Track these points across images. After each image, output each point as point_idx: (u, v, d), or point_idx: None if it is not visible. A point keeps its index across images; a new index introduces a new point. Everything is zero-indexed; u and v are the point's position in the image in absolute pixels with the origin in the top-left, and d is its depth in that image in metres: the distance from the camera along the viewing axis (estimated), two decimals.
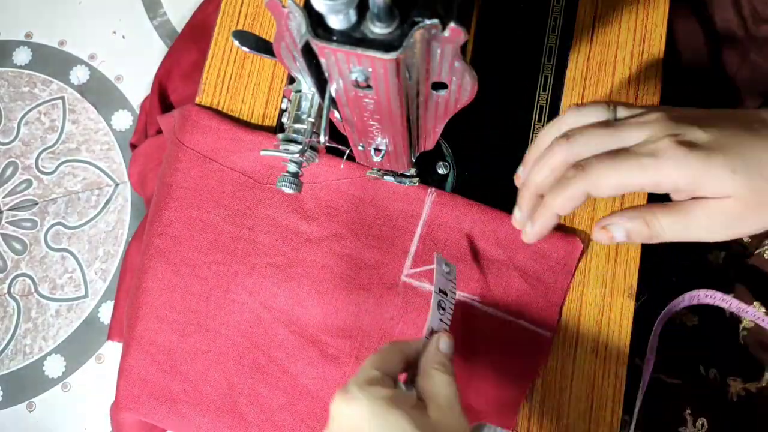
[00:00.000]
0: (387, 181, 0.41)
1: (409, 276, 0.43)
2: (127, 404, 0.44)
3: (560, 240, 0.42)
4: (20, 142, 1.03)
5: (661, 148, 0.29)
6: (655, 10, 0.44)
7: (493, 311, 0.42)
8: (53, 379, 0.97)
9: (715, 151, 0.29)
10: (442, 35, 0.22)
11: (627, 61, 0.44)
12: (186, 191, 0.45)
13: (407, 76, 0.24)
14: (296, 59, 0.27)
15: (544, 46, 0.45)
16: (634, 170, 0.29)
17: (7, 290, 0.99)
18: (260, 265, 0.44)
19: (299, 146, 0.33)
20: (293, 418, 0.42)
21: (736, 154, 0.29)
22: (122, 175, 1.01)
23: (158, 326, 0.44)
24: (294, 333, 0.43)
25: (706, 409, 0.42)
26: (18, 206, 1.01)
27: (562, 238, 0.42)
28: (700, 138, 0.29)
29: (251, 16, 0.47)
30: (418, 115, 0.30)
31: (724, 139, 0.29)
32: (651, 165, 0.29)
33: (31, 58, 1.06)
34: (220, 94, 0.47)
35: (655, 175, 0.29)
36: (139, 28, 1.05)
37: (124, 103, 1.03)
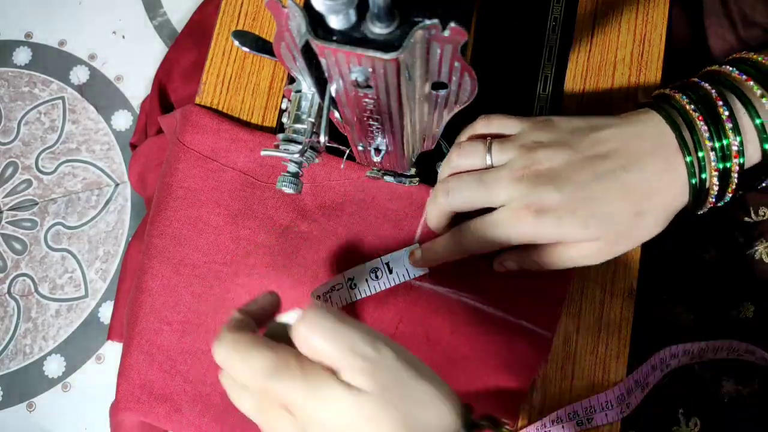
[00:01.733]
0: (387, 181, 0.41)
1: None
2: (127, 404, 0.44)
3: None
4: (20, 142, 1.03)
5: (520, 218, 0.34)
6: (655, 10, 0.44)
7: (493, 311, 0.42)
8: (53, 379, 0.97)
9: (567, 213, 0.33)
10: (442, 35, 0.22)
11: (627, 61, 0.44)
12: (186, 191, 0.45)
13: (407, 76, 0.24)
14: (296, 59, 0.27)
15: (544, 46, 0.45)
16: (501, 238, 0.35)
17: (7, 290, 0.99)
18: (260, 265, 0.44)
19: (299, 146, 0.33)
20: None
21: (587, 210, 0.33)
22: (122, 175, 1.01)
23: (158, 326, 0.44)
24: None
25: (699, 409, 0.42)
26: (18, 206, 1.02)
27: None
28: (552, 201, 0.33)
29: (251, 16, 0.47)
30: (418, 115, 0.30)
31: (575, 198, 0.33)
32: (513, 234, 0.34)
33: (31, 58, 1.06)
34: (220, 94, 0.47)
35: (520, 238, 0.34)
36: (139, 28, 1.05)
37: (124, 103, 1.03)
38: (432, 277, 0.42)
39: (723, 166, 0.32)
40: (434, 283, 0.42)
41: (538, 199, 0.33)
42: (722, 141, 0.32)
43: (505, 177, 0.35)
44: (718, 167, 0.32)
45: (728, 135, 0.32)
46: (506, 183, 0.34)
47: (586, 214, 0.33)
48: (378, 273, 0.41)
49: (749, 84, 0.32)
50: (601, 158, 0.34)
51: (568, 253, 0.35)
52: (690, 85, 0.35)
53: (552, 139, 0.35)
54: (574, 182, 0.33)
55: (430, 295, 0.42)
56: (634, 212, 0.33)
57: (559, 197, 0.33)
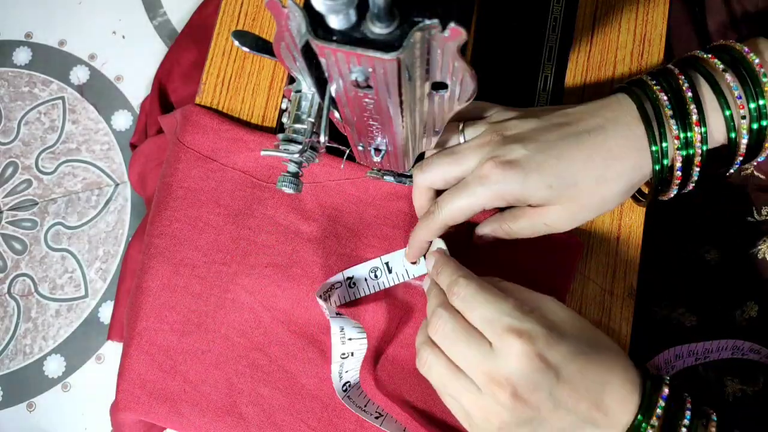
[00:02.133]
0: (387, 181, 0.41)
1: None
2: (127, 404, 0.44)
3: (560, 240, 0.42)
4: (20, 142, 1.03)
5: (485, 174, 0.34)
6: (655, 10, 0.44)
7: None
8: (53, 379, 0.97)
9: (532, 170, 0.34)
10: (442, 35, 0.22)
11: (627, 61, 0.44)
12: (186, 191, 0.45)
13: (407, 76, 0.24)
14: (296, 59, 0.27)
15: (544, 46, 0.45)
16: (471, 198, 0.35)
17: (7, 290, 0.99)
18: (260, 265, 0.44)
19: (299, 146, 0.33)
20: (293, 418, 0.42)
21: (552, 170, 0.34)
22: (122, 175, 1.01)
23: (158, 326, 0.44)
24: (294, 333, 0.43)
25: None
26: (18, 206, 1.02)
27: (562, 238, 0.42)
28: (518, 156, 0.34)
29: (251, 16, 0.47)
30: (418, 115, 0.30)
31: (541, 157, 0.34)
32: (480, 191, 0.35)
33: (31, 58, 1.06)
34: (220, 94, 0.47)
35: (488, 198, 0.35)
36: (139, 28, 1.05)
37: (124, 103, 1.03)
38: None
39: (686, 153, 0.33)
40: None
41: (504, 154, 0.34)
42: (686, 133, 0.33)
43: (473, 145, 0.36)
44: (681, 154, 0.33)
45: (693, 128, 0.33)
46: (474, 150, 0.36)
47: (551, 174, 0.34)
48: (377, 272, 0.41)
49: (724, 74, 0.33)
50: (566, 124, 0.35)
51: (536, 218, 0.36)
52: (665, 72, 0.35)
53: (521, 114, 0.37)
54: (540, 141, 0.35)
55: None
56: (596, 177, 0.34)
57: (524, 153, 0.34)
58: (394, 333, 0.42)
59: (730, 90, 0.33)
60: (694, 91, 0.33)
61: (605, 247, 0.42)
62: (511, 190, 0.34)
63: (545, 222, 0.36)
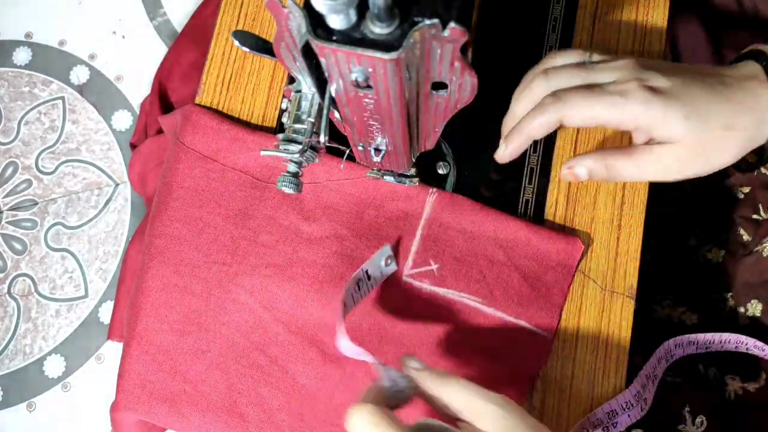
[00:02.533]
0: (387, 181, 0.41)
1: (410, 276, 0.43)
2: (127, 404, 0.44)
3: (560, 240, 0.42)
4: (20, 142, 1.03)
5: (629, 90, 0.33)
6: (655, 10, 0.44)
7: (493, 312, 0.42)
8: (53, 379, 0.97)
9: (674, 98, 0.33)
10: (442, 35, 0.22)
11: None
12: (187, 191, 0.45)
13: (407, 76, 0.24)
14: (296, 59, 0.27)
15: (544, 46, 0.45)
16: (604, 105, 0.33)
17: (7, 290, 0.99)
18: (261, 265, 0.44)
19: (299, 146, 0.33)
20: (293, 418, 0.42)
21: (691, 103, 0.33)
22: (122, 175, 1.01)
23: (158, 326, 0.44)
24: (294, 333, 0.43)
25: (705, 407, 0.42)
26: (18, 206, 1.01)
27: (562, 238, 0.42)
28: (663, 84, 0.34)
29: (251, 16, 0.47)
30: (418, 115, 0.30)
31: (682, 89, 0.34)
32: (619, 103, 0.33)
33: (31, 58, 1.06)
34: (220, 94, 0.47)
35: (622, 113, 0.33)
36: (139, 28, 1.05)
37: (124, 103, 1.03)
38: (432, 278, 0.42)
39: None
40: (434, 284, 0.42)
41: (648, 79, 0.34)
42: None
43: (609, 66, 0.35)
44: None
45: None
46: (611, 69, 0.35)
47: (689, 106, 0.33)
48: (360, 284, 0.41)
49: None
50: (703, 73, 0.35)
51: (651, 157, 0.35)
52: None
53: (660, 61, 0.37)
54: (682, 77, 0.34)
55: (430, 295, 0.42)
56: (726, 123, 0.34)
57: (668, 83, 0.34)
58: (393, 333, 0.42)
59: None
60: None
61: (605, 247, 0.42)
62: (648, 114, 0.33)
63: (665, 163, 0.35)
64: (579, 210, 0.43)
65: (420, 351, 0.42)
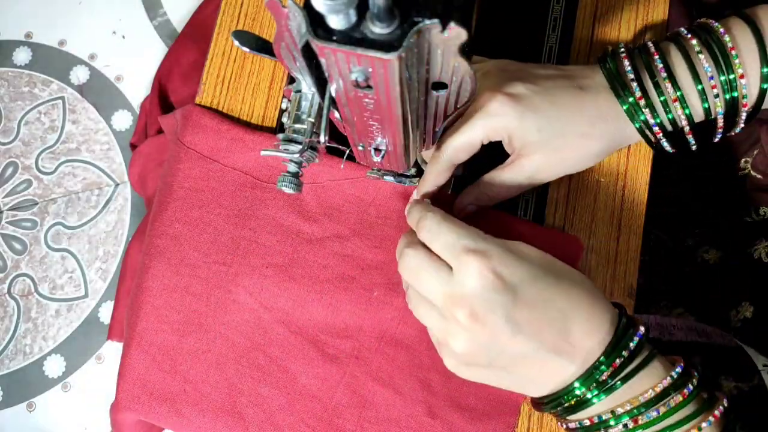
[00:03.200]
0: (387, 181, 0.41)
1: None
2: (127, 404, 0.44)
3: (560, 240, 0.42)
4: (20, 142, 1.03)
5: (486, 104, 0.35)
6: (655, 10, 0.44)
7: None
8: (53, 379, 0.97)
9: (530, 110, 0.35)
10: (442, 35, 0.22)
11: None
12: (187, 191, 0.45)
13: (407, 76, 0.24)
14: (296, 59, 0.27)
15: (544, 45, 0.45)
16: (471, 131, 0.36)
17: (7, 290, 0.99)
18: (261, 265, 0.44)
19: (299, 146, 0.33)
20: (293, 418, 0.42)
21: (546, 115, 0.35)
22: (122, 175, 1.01)
23: (158, 326, 0.44)
24: (294, 333, 0.43)
25: None
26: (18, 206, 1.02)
27: (562, 238, 0.42)
28: (519, 91, 0.35)
29: (251, 16, 0.47)
30: (418, 115, 0.30)
31: (541, 99, 0.35)
32: (479, 122, 0.35)
33: (31, 58, 1.06)
34: (220, 94, 0.47)
35: (486, 129, 0.36)
36: (139, 28, 1.05)
37: (124, 103, 1.03)
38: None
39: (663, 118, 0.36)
40: None
41: (505, 86, 0.36)
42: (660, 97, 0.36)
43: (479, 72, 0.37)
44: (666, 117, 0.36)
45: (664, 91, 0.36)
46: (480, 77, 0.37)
47: (543, 118, 0.35)
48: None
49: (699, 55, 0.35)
50: (564, 77, 0.37)
51: (517, 170, 0.37)
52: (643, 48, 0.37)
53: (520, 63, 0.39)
54: (539, 84, 0.36)
55: None
56: (582, 132, 0.36)
57: (524, 90, 0.36)
58: (393, 333, 0.42)
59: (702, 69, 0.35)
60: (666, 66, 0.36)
61: (605, 247, 0.42)
62: (507, 123, 0.35)
63: (526, 174, 0.37)
64: (579, 210, 0.43)
65: (419, 350, 0.42)
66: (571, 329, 0.31)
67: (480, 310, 0.30)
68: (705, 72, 0.35)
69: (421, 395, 0.42)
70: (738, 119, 0.37)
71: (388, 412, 0.42)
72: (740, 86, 0.35)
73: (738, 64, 0.35)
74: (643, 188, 0.43)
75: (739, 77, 0.35)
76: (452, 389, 0.41)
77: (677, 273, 0.50)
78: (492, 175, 0.39)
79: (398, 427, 0.41)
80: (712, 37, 0.35)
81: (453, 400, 0.41)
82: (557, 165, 0.37)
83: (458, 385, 0.41)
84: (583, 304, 0.32)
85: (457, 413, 0.41)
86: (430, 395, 0.41)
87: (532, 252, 0.34)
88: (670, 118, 0.36)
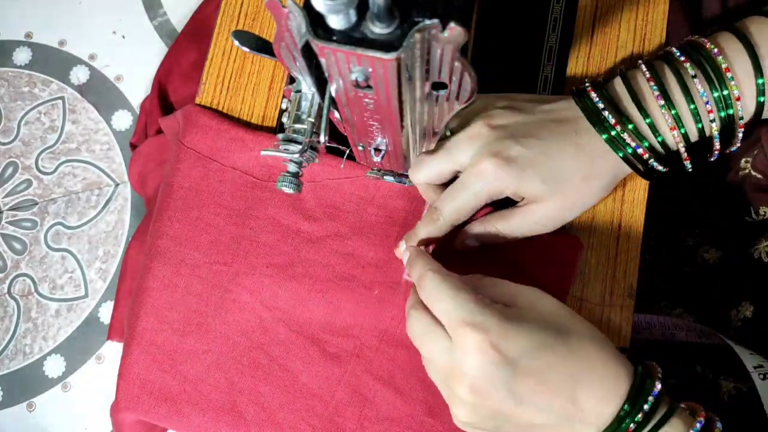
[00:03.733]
0: (387, 181, 0.41)
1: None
2: (127, 404, 0.44)
3: (560, 240, 0.42)
4: (20, 142, 1.03)
5: (482, 170, 0.35)
6: (655, 10, 0.44)
7: None
8: (53, 379, 0.97)
9: (529, 166, 0.35)
10: (442, 35, 0.22)
11: (627, 61, 0.44)
12: (187, 191, 0.45)
13: (407, 76, 0.24)
14: (296, 59, 0.27)
15: (544, 46, 0.45)
16: (471, 196, 0.36)
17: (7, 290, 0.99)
18: (261, 264, 0.44)
19: (299, 146, 0.33)
20: (294, 417, 0.42)
21: (547, 167, 0.35)
22: (122, 175, 1.01)
23: (158, 326, 0.44)
24: (295, 332, 0.43)
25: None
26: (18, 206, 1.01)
27: (562, 238, 0.42)
28: (516, 153, 0.35)
29: (251, 16, 0.47)
30: (418, 115, 0.30)
31: (537, 153, 0.35)
32: (480, 187, 0.36)
33: (31, 58, 1.06)
34: (220, 94, 0.47)
35: (487, 193, 0.36)
36: (139, 28, 1.05)
37: (124, 103, 1.03)
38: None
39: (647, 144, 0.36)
40: None
41: (501, 149, 0.35)
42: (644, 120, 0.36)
43: (463, 138, 0.37)
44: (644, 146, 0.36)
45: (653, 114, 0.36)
46: (465, 143, 0.36)
47: (543, 170, 0.35)
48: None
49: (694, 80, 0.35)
50: (555, 122, 0.36)
51: (527, 216, 0.37)
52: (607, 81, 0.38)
53: (506, 105, 0.38)
54: (534, 138, 0.36)
55: None
56: (583, 175, 0.36)
57: (519, 149, 0.35)
58: (393, 333, 0.42)
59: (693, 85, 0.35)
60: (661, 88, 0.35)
61: (605, 247, 0.42)
62: (508, 185, 0.36)
63: (535, 220, 0.37)
64: None
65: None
66: (581, 394, 0.31)
67: (481, 384, 0.30)
68: (698, 93, 0.35)
69: (422, 394, 0.42)
70: (734, 137, 0.36)
71: (389, 411, 0.42)
72: (736, 105, 0.35)
73: (734, 86, 0.34)
74: (643, 188, 0.43)
75: (736, 99, 0.34)
76: None
77: (677, 273, 0.50)
78: (501, 215, 0.39)
79: (399, 426, 0.41)
80: (703, 55, 0.35)
81: None
82: (566, 209, 0.37)
83: None
84: (595, 365, 0.31)
85: None
86: (431, 394, 0.41)
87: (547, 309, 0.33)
88: (660, 141, 0.36)
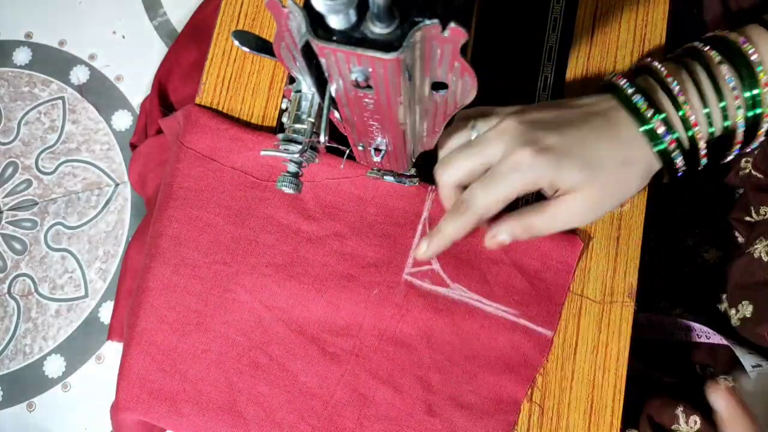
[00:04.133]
0: (387, 181, 0.41)
1: (411, 274, 0.43)
2: (127, 404, 0.44)
3: (561, 239, 0.42)
4: (20, 142, 1.03)
5: (520, 162, 0.34)
6: (655, 10, 0.44)
7: (494, 310, 0.42)
8: (53, 379, 0.97)
9: (565, 155, 0.34)
10: (442, 35, 0.22)
11: (627, 61, 0.44)
12: (187, 191, 0.45)
13: (407, 76, 0.24)
14: (296, 59, 0.27)
15: (544, 46, 0.45)
16: (507, 187, 0.34)
17: (7, 290, 0.99)
18: (261, 264, 0.44)
19: (299, 146, 0.33)
20: (293, 416, 0.42)
21: (582, 153, 0.34)
22: (122, 175, 1.01)
23: (158, 326, 0.44)
24: (294, 332, 0.43)
25: (698, 407, 0.42)
26: (18, 206, 1.02)
27: (562, 237, 0.42)
28: (551, 142, 0.34)
29: (251, 16, 0.47)
30: (418, 115, 0.30)
31: (572, 141, 0.35)
32: (516, 177, 0.34)
33: (31, 58, 1.06)
34: (220, 94, 0.47)
35: (523, 185, 0.34)
36: (139, 28, 1.05)
37: (124, 103, 1.03)
38: (433, 277, 0.42)
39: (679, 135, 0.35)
40: (435, 283, 0.42)
41: (535, 138, 0.34)
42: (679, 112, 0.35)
43: (493, 134, 0.35)
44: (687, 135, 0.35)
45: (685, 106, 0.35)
46: (496, 138, 0.35)
47: (580, 157, 0.34)
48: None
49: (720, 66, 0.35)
50: (589, 113, 0.36)
51: (560, 208, 0.36)
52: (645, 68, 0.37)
53: (536, 105, 0.37)
54: (568, 126, 0.35)
55: (430, 295, 0.42)
56: (622, 160, 0.35)
57: (556, 137, 0.34)
58: (393, 333, 0.42)
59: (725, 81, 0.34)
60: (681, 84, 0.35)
61: (605, 247, 0.42)
62: (545, 174, 0.34)
63: (572, 211, 0.36)
64: None
65: (419, 350, 0.42)
66: None
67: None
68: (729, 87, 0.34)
69: (421, 393, 0.42)
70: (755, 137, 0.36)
71: (388, 410, 0.42)
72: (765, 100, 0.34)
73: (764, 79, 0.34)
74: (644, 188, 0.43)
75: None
76: (452, 388, 0.41)
77: (677, 273, 0.50)
78: (533, 210, 0.37)
79: (398, 425, 0.41)
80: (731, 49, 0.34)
81: (453, 399, 0.41)
82: (602, 200, 0.36)
83: (458, 383, 0.41)
84: None
85: (457, 412, 0.41)
86: (430, 393, 0.41)
87: None
88: (690, 135, 0.35)
